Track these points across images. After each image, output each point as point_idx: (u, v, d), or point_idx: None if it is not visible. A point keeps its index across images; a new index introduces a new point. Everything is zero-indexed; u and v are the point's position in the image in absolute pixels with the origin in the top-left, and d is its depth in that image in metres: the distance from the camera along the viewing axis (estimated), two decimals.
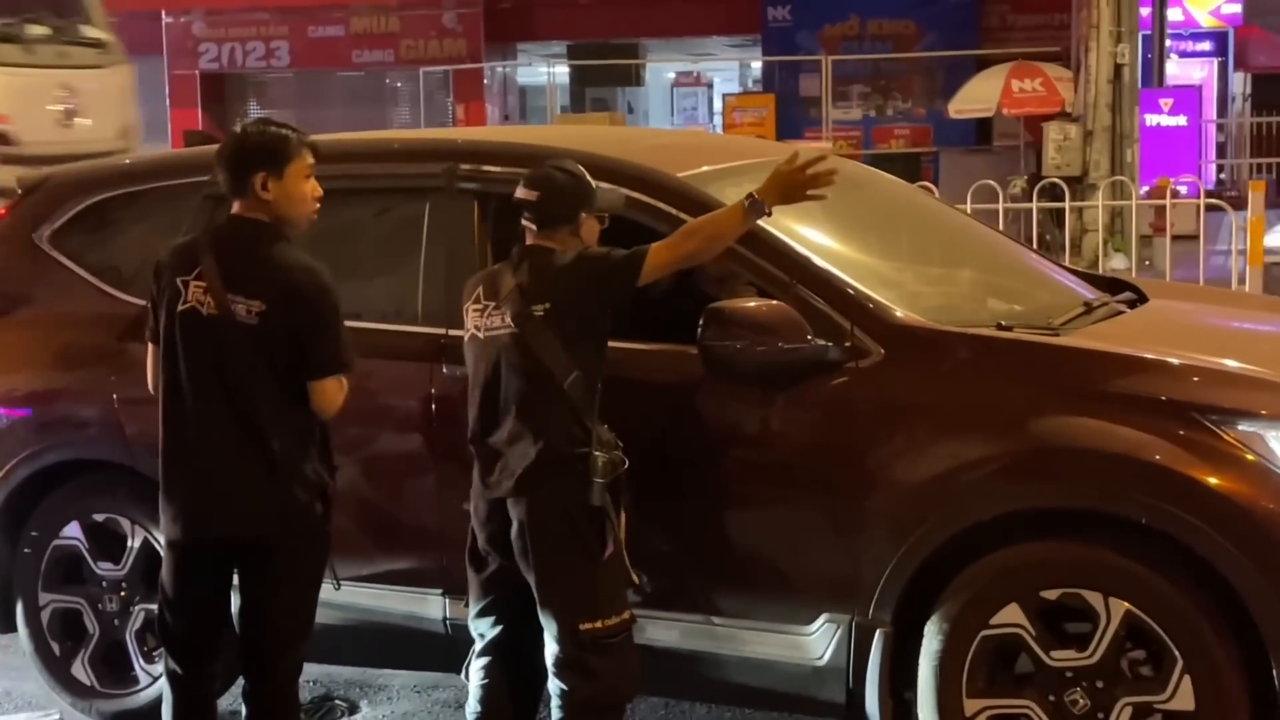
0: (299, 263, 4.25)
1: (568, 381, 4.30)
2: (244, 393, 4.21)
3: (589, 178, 4.49)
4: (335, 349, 4.26)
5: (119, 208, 5.63)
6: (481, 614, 4.56)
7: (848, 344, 4.43)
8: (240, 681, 4.49)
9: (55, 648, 5.45)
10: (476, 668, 4.57)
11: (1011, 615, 4.24)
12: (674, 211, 4.68)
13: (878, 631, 4.35)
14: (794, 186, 4.36)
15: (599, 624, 4.33)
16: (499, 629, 4.54)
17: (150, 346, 4.46)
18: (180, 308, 4.25)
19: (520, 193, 4.45)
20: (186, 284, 4.25)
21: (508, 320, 4.36)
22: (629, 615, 4.40)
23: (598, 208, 4.49)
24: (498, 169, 4.95)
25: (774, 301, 4.45)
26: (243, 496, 4.24)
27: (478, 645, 4.58)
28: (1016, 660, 4.30)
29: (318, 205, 4.36)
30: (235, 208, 4.32)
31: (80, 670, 5.41)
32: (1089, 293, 5.36)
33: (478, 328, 4.44)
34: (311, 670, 5.55)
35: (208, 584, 4.39)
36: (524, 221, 4.45)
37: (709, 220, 4.43)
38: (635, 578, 4.42)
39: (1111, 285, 5.59)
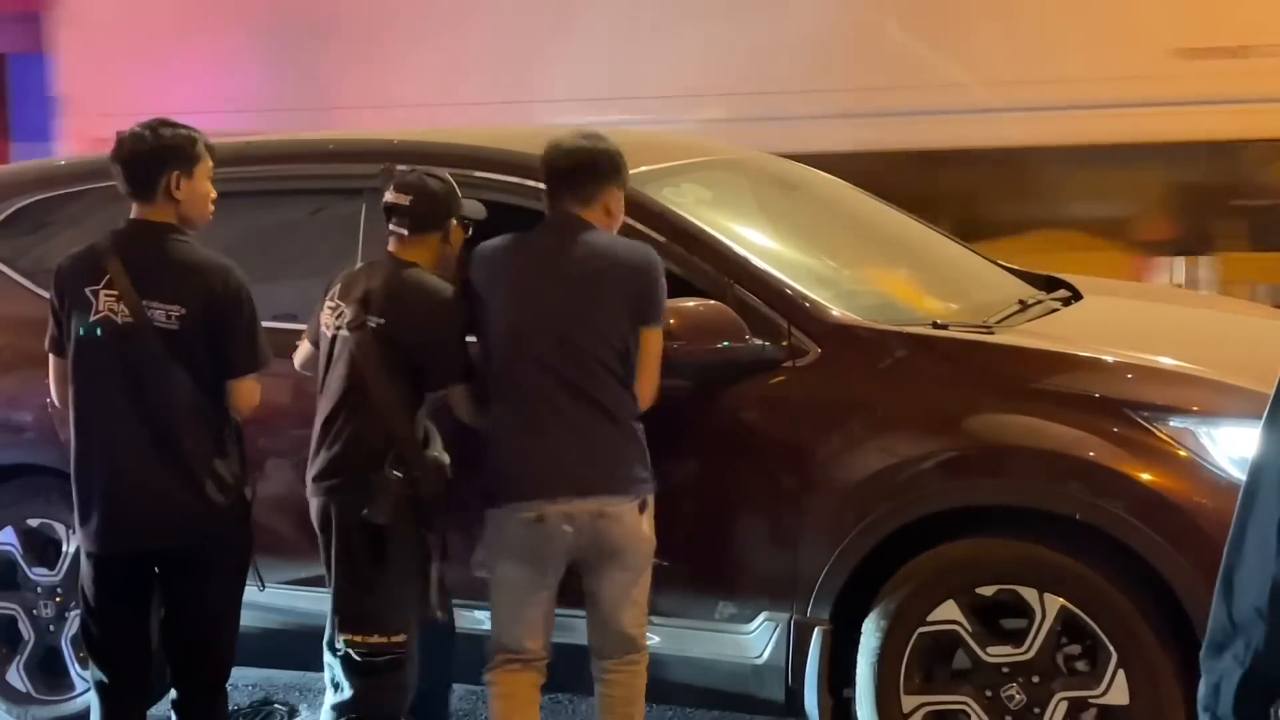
0: (213, 263, 4.18)
1: None
2: (160, 400, 4.14)
3: (456, 186, 4.46)
4: (254, 347, 4.21)
5: (52, 210, 5.57)
6: None
7: (785, 343, 4.44)
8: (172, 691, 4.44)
9: None
10: None
11: (948, 612, 4.27)
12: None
13: (816, 629, 4.36)
14: None
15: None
16: None
17: (52, 358, 4.36)
18: (92, 318, 4.16)
19: (391, 197, 4.39)
20: (96, 294, 4.16)
21: None
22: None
23: (464, 216, 4.47)
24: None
25: (712, 301, 4.46)
26: (158, 507, 4.17)
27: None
28: (954, 656, 4.33)
29: (213, 207, 4.30)
30: (135, 211, 4.24)
31: (15, 677, 5.35)
32: (1024, 290, 5.40)
33: None
34: (251, 674, 5.52)
35: (129, 594, 4.32)
36: (393, 227, 4.39)
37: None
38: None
39: (1047, 283, 5.63)
